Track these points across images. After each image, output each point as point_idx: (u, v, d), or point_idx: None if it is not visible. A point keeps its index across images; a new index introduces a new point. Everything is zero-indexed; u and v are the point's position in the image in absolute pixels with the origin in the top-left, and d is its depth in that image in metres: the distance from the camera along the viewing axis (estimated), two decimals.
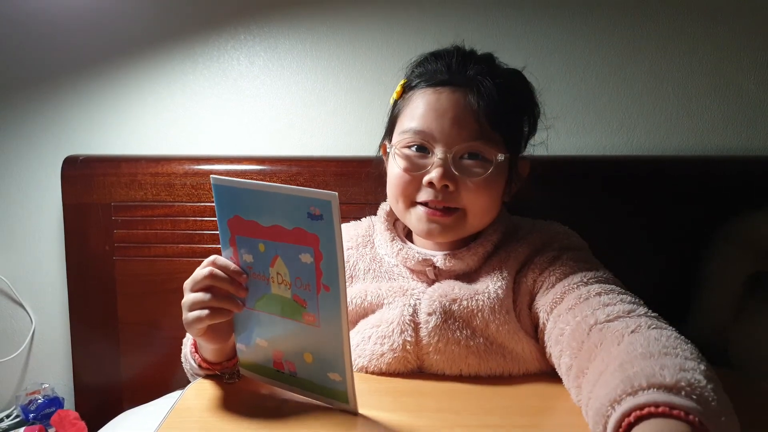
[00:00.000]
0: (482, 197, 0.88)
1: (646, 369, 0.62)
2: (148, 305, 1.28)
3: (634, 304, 0.78)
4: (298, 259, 0.71)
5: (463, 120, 0.86)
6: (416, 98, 0.90)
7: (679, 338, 0.69)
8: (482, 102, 0.86)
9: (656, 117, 1.28)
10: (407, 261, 0.93)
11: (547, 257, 0.90)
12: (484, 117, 0.86)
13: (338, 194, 0.65)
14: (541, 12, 1.27)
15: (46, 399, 1.34)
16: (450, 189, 0.87)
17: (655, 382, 0.60)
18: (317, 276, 0.70)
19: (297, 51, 1.31)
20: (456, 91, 0.87)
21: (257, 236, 0.73)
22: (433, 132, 0.87)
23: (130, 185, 1.26)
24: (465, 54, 0.92)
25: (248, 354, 0.81)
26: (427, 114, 0.88)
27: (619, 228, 1.21)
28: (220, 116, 1.34)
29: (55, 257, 1.38)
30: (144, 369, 1.30)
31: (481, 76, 0.88)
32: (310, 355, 0.75)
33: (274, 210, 0.71)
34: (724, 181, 1.21)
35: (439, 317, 0.86)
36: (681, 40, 1.26)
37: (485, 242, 0.92)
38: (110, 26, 1.32)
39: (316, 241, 0.69)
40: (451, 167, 0.86)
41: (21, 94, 1.35)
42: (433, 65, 0.91)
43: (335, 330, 0.71)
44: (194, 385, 0.84)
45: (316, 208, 0.67)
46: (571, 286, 0.84)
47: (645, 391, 0.60)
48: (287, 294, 0.73)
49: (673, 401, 0.58)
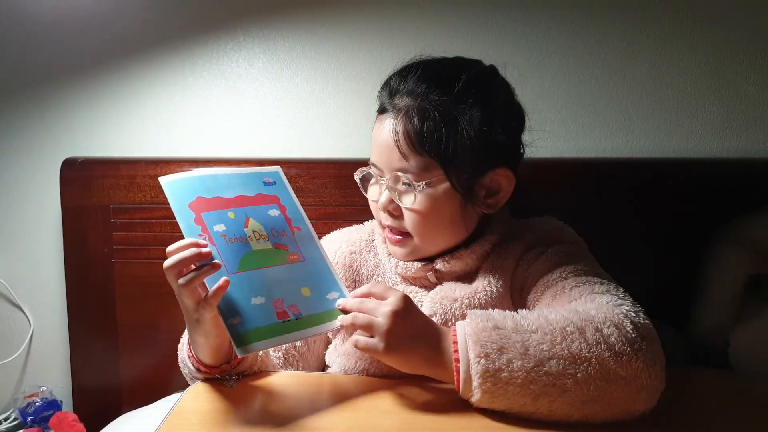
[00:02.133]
0: (421, 223, 0.88)
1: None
2: (146, 307, 1.28)
3: (603, 287, 0.81)
4: (267, 215, 0.84)
5: (389, 148, 0.86)
6: (374, 128, 0.91)
7: (588, 317, 0.72)
8: (402, 128, 0.84)
9: (656, 119, 1.28)
10: (407, 272, 0.94)
11: (535, 253, 0.91)
12: (406, 143, 0.84)
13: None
14: (540, 14, 1.27)
15: (44, 402, 1.34)
16: (395, 215, 0.90)
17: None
18: (288, 222, 0.86)
19: (296, 53, 1.31)
20: (387, 118, 0.87)
21: (224, 207, 0.81)
22: (376, 163, 0.90)
23: (129, 187, 1.26)
24: (404, 72, 0.89)
25: (248, 322, 0.77)
26: (373, 145, 0.91)
27: (619, 230, 1.21)
28: (218, 118, 1.34)
29: (54, 259, 1.38)
30: (143, 371, 1.30)
31: (413, 96, 0.85)
32: (307, 288, 0.82)
33: (234, 185, 0.84)
34: (723, 183, 1.21)
35: (439, 318, 0.87)
36: (680, 42, 1.26)
37: (484, 242, 0.93)
38: (109, 28, 1.32)
39: (276, 199, 0.87)
40: (393, 194, 0.87)
41: (20, 96, 1.35)
42: (382, 92, 0.90)
43: (317, 255, 0.86)
44: (193, 388, 0.84)
45: (269, 178, 0.88)
46: (549, 282, 0.85)
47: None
48: (268, 245, 0.82)
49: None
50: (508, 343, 0.70)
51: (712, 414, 0.79)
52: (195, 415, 0.77)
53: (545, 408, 0.71)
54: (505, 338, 0.70)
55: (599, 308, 0.75)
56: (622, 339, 0.70)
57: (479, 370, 0.70)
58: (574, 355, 0.69)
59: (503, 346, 0.70)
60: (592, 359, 0.69)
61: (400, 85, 0.88)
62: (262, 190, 0.86)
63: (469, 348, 0.71)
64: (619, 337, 0.70)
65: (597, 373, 0.69)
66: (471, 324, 0.73)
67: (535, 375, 0.69)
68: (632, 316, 0.74)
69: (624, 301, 0.78)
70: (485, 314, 0.74)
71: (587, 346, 0.69)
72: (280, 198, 0.87)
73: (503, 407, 0.72)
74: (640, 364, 0.70)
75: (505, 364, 0.69)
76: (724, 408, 0.81)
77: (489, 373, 0.70)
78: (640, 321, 0.74)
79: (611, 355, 0.69)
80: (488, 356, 0.70)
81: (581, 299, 0.79)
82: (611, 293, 0.79)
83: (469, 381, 0.71)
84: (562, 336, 0.70)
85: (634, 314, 0.74)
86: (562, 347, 0.70)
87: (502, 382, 0.69)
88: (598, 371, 0.69)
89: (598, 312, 0.74)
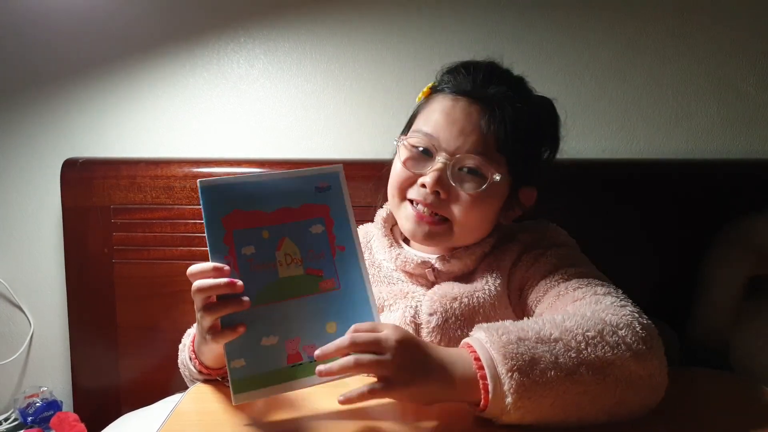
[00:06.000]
0: (471, 212, 0.88)
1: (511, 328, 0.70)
2: (147, 308, 1.27)
3: (605, 288, 0.81)
4: (308, 232, 0.75)
5: (470, 133, 0.87)
6: (436, 102, 0.91)
7: (601, 320, 0.72)
8: (493, 120, 0.86)
9: (655, 120, 1.29)
10: (406, 265, 0.93)
11: (533, 254, 0.91)
12: (492, 135, 0.86)
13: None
14: (540, 15, 1.27)
15: (44, 402, 1.34)
16: (441, 197, 0.88)
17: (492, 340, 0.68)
18: (330, 241, 0.75)
19: (297, 54, 1.31)
20: (472, 104, 0.88)
21: (260, 224, 0.74)
22: (439, 137, 0.88)
23: (130, 188, 1.26)
24: (494, 71, 0.92)
25: (251, 367, 0.72)
26: (439, 119, 0.89)
27: (619, 231, 1.21)
28: (219, 119, 1.34)
29: (54, 260, 1.38)
30: (143, 372, 1.30)
31: (502, 96, 0.88)
32: (333, 324, 0.73)
33: (278, 195, 0.74)
34: (723, 184, 1.21)
35: (440, 317, 0.87)
36: (680, 44, 1.26)
37: (483, 243, 0.93)
38: (110, 29, 1.32)
39: (326, 210, 0.76)
40: (448, 175, 0.87)
41: (21, 97, 1.35)
42: (461, 75, 0.91)
43: (357, 281, 0.75)
44: (194, 389, 0.84)
45: (324, 182, 0.76)
46: (551, 284, 0.86)
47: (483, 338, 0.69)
48: (299, 271, 0.74)
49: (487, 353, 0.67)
50: (537, 353, 0.66)
51: (712, 414, 0.79)
52: (195, 416, 0.77)
53: (575, 416, 0.68)
54: (533, 349, 0.67)
55: (606, 310, 0.75)
56: (637, 339, 0.71)
57: (513, 386, 0.65)
58: (600, 359, 0.68)
59: (534, 357, 0.66)
60: (617, 362, 0.68)
61: (490, 79, 0.90)
62: (311, 200, 0.75)
63: (497, 363, 0.66)
64: (634, 337, 0.71)
65: (622, 375, 0.69)
66: (489, 337, 0.68)
67: (570, 384, 0.66)
68: (637, 317, 0.74)
69: (626, 302, 0.78)
70: (499, 326, 0.70)
71: (610, 349, 0.69)
72: (331, 209, 0.76)
73: (533, 420, 0.68)
74: (655, 362, 0.71)
75: (539, 375, 0.65)
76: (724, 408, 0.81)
77: (524, 388, 0.65)
78: (645, 321, 0.75)
79: (632, 356, 0.69)
80: (521, 370, 0.65)
81: (585, 300, 0.79)
82: (613, 295, 0.80)
83: (500, 398, 0.66)
84: (586, 342, 0.69)
85: (638, 315, 0.75)
86: (588, 352, 0.68)
87: (537, 395, 0.66)
88: (623, 373, 0.69)
89: (606, 314, 0.74)
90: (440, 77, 0.96)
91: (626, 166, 1.25)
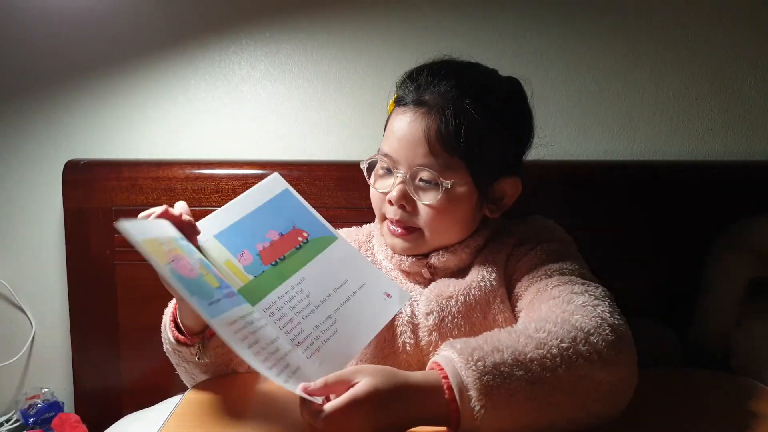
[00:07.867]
0: (436, 220, 0.88)
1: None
2: (148, 310, 1.26)
3: (582, 287, 0.80)
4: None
5: (417, 144, 0.86)
6: (392, 118, 0.91)
7: (573, 327, 0.70)
8: (436, 126, 0.85)
9: (657, 122, 1.29)
10: (402, 263, 0.94)
11: (525, 248, 0.91)
12: (437, 141, 0.85)
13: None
14: (541, 17, 1.27)
15: (45, 404, 1.34)
16: (408, 209, 0.88)
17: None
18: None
19: (298, 56, 1.32)
20: (416, 112, 0.87)
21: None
22: (393, 154, 0.88)
23: (131, 189, 1.26)
24: (436, 71, 0.89)
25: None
26: (390, 136, 0.89)
27: (620, 233, 1.21)
28: (221, 121, 1.35)
29: (56, 261, 1.38)
30: (144, 374, 1.30)
31: (442, 97, 0.86)
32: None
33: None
34: (724, 186, 1.21)
35: (436, 316, 0.87)
36: (681, 46, 1.26)
37: (478, 237, 0.93)
38: (112, 31, 1.32)
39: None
40: (409, 189, 0.87)
41: (22, 98, 1.35)
42: (406, 84, 0.91)
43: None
44: (194, 390, 0.84)
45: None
46: (534, 279, 0.86)
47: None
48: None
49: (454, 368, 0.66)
50: (512, 384, 0.65)
51: (712, 415, 0.79)
52: (196, 417, 0.77)
53: (543, 428, 0.68)
54: (508, 379, 0.65)
55: (576, 312, 0.74)
56: (606, 344, 0.70)
57: (485, 417, 0.64)
58: (575, 375, 0.67)
59: (510, 389, 0.65)
60: (589, 375, 0.68)
61: (432, 82, 0.88)
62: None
63: (472, 398, 0.64)
64: (603, 342, 0.70)
65: (592, 386, 0.68)
66: (465, 364, 0.66)
67: (544, 408, 0.66)
68: (607, 317, 0.74)
69: (601, 301, 0.78)
70: (475, 349, 0.67)
71: (584, 361, 0.68)
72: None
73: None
74: (623, 369, 0.71)
75: (513, 405, 0.64)
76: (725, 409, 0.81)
77: (494, 419, 0.64)
78: (615, 321, 0.74)
79: (602, 365, 0.69)
80: (496, 405, 0.64)
81: (560, 299, 0.79)
82: (589, 293, 0.79)
83: (469, 420, 0.65)
84: (561, 356, 0.67)
85: (609, 315, 0.75)
86: (562, 370, 0.67)
87: (507, 421, 0.65)
88: (593, 384, 0.68)
89: (576, 318, 0.73)
90: (397, 89, 0.94)
91: (627, 168, 1.25)
